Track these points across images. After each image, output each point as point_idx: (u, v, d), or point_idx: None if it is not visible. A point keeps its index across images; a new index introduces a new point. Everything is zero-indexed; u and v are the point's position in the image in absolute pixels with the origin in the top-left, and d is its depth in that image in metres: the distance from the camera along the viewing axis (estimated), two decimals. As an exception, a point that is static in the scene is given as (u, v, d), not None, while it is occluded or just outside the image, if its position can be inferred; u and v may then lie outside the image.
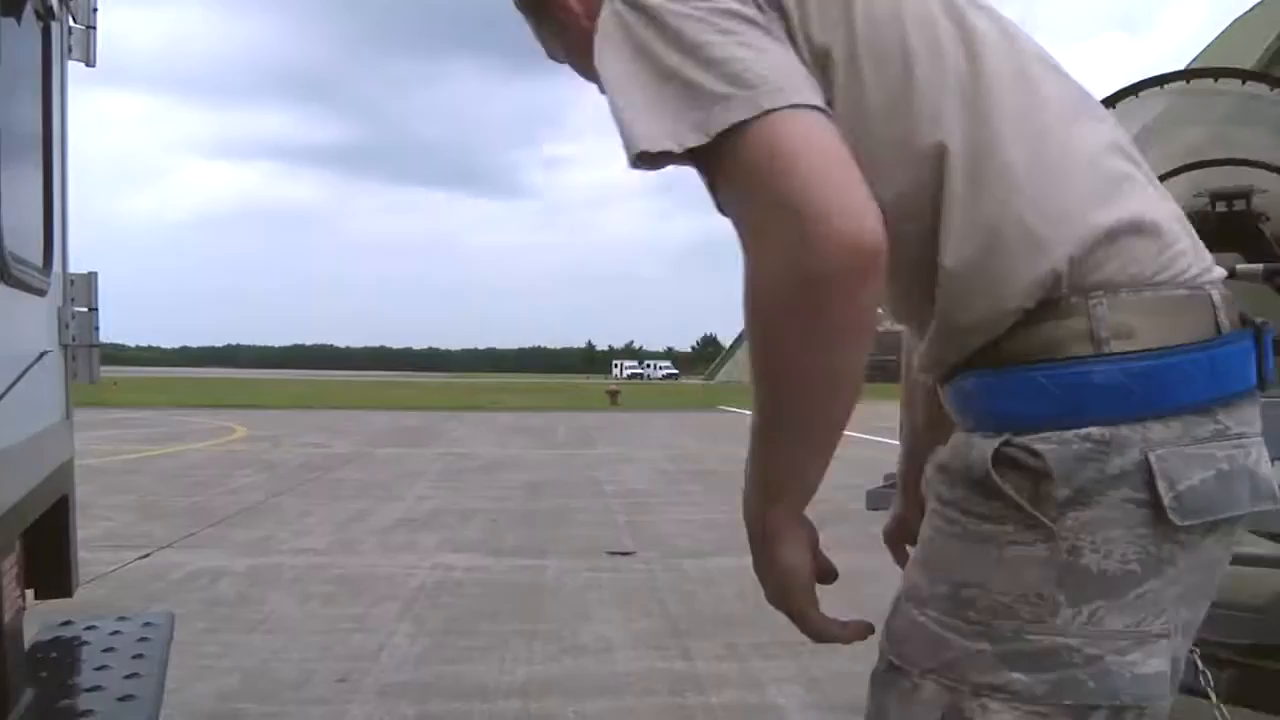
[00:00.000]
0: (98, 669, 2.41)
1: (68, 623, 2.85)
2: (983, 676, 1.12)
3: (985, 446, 1.13)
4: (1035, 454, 1.10)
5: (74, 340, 2.84)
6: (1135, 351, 1.11)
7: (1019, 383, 1.14)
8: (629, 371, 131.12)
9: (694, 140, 1.09)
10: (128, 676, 2.35)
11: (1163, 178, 2.62)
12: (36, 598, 2.63)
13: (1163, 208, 1.20)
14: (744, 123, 1.07)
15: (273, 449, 17.38)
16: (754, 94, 1.08)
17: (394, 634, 5.39)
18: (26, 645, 2.46)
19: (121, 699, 2.19)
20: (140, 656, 2.51)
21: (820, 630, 1.25)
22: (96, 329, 2.97)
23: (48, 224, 2.57)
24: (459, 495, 11.02)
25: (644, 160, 1.12)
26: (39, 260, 2.42)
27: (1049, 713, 1.10)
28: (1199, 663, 2.25)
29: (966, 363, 1.18)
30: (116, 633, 2.71)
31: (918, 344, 1.28)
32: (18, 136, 2.21)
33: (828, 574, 1.28)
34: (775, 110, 1.07)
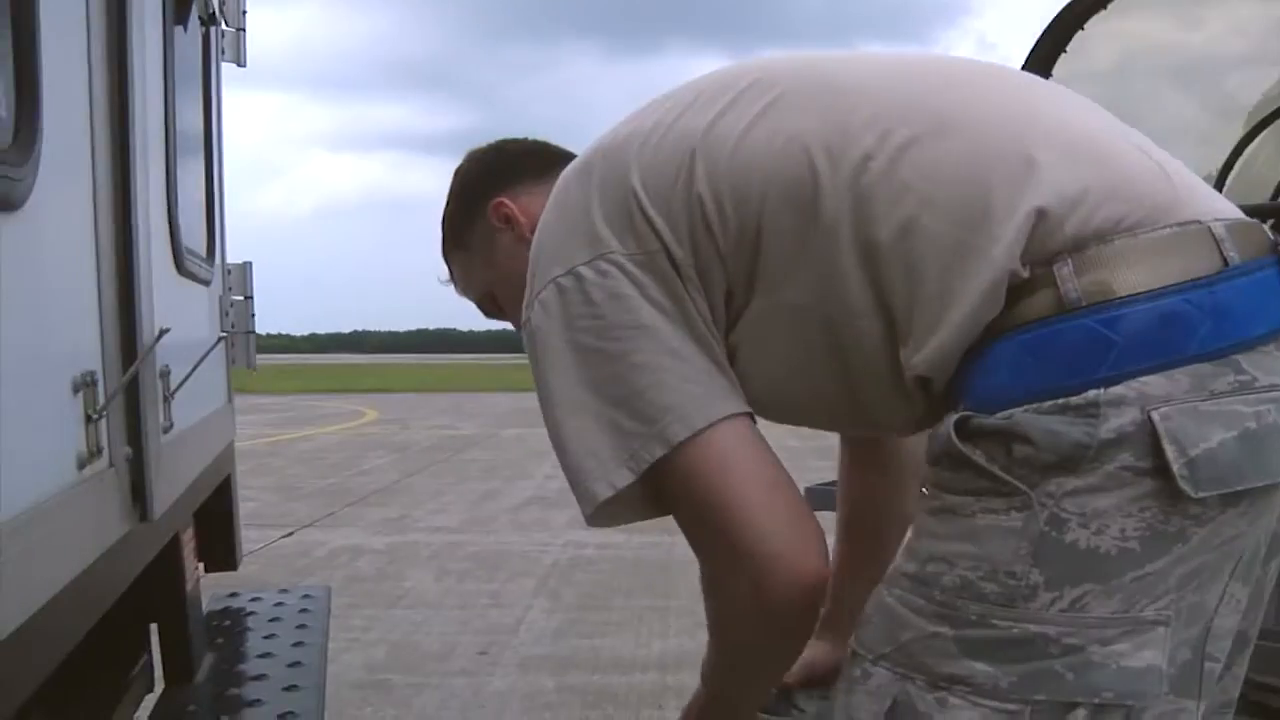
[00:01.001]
0: (266, 637, 2.56)
1: (234, 594, 3.01)
2: (940, 665, 0.99)
3: (950, 418, 1.02)
4: (1007, 418, 0.97)
5: (233, 328, 2.99)
6: (1112, 300, 0.96)
7: (988, 357, 1.01)
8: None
9: (625, 479, 1.11)
10: (294, 644, 2.48)
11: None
12: (205, 571, 2.79)
13: (1128, 160, 1.06)
14: (665, 458, 1.09)
15: (402, 431, 17.78)
16: (662, 428, 1.09)
17: (530, 609, 5.53)
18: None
19: (291, 665, 2.32)
20: (303, 626, 2.65)
21: None
22: (253, 316, 3.12)
23: (210, 217, 2.71)
24: (586, 475, 11.20)
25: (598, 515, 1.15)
26: (204, 252, 2.55)
27: (1017, 710, 0.96)
28: None
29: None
30: (280, 604, 2.86)
31: (893, 429, 1.27)
32: (187, 136, 2.34)
33: None
34: (688, 440, 1.09)
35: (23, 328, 1.14)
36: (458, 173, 1.59)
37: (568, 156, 1.46)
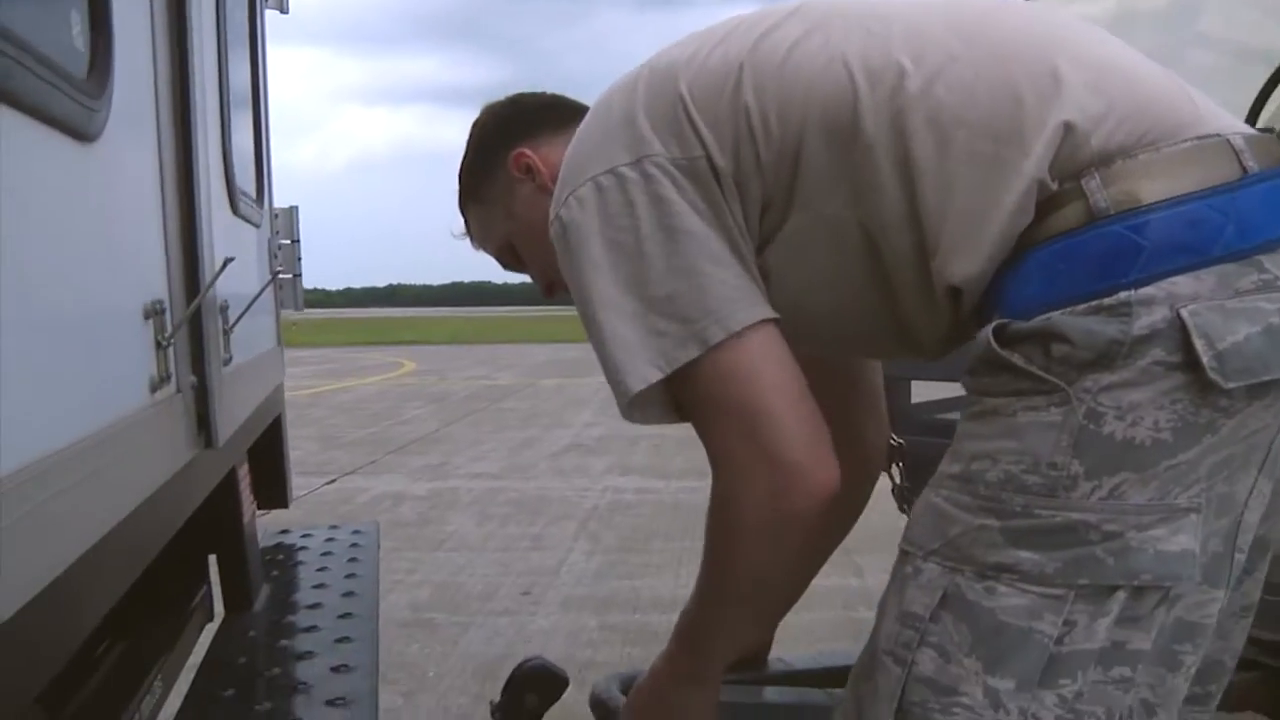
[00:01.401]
0: (319, 569, 2.63)
1: (285, 531, 3.09)
2: (988, 555, 1.04)
3: (988, 326, 1.08)
4: (1045, 320, 1.03)
5: (281, 270, 3.05)
6: (1140, 208, 1.02)
7: (1021, 268, 1.08)
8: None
9: (657, 376, 1.15)
10: (347, 576, 2.56)
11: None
12: (259, 509, 2.87)
13: (1148, 81, 1.13)
14: (697, 359, 1.13)
15: (440, 382, 17.91)
16: (700, 329, 1.13)
17: (571, 551, 5.61)
18: (257, 548, 2.69)
19: (345, 595, 2.39)
20: (355, 559, 2.72)
21: None
22: (299, 260, 3.18)
23: (258, 161, 2.76)
24: (624, 422, 11.24)
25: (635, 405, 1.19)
26: (254, 194, 2.61)
27: (1062, 595, 1.02)
28: None
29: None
30: (331, 539, 2.94)
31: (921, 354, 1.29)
32: (238, 82, 2.39)
33: None
34: (724, 342, 1.13)
35: (99, 253, 1.20)
36: (475, 125, 1.61)
37: (585, 109, 1.47)
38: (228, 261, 1.55)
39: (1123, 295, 1.00)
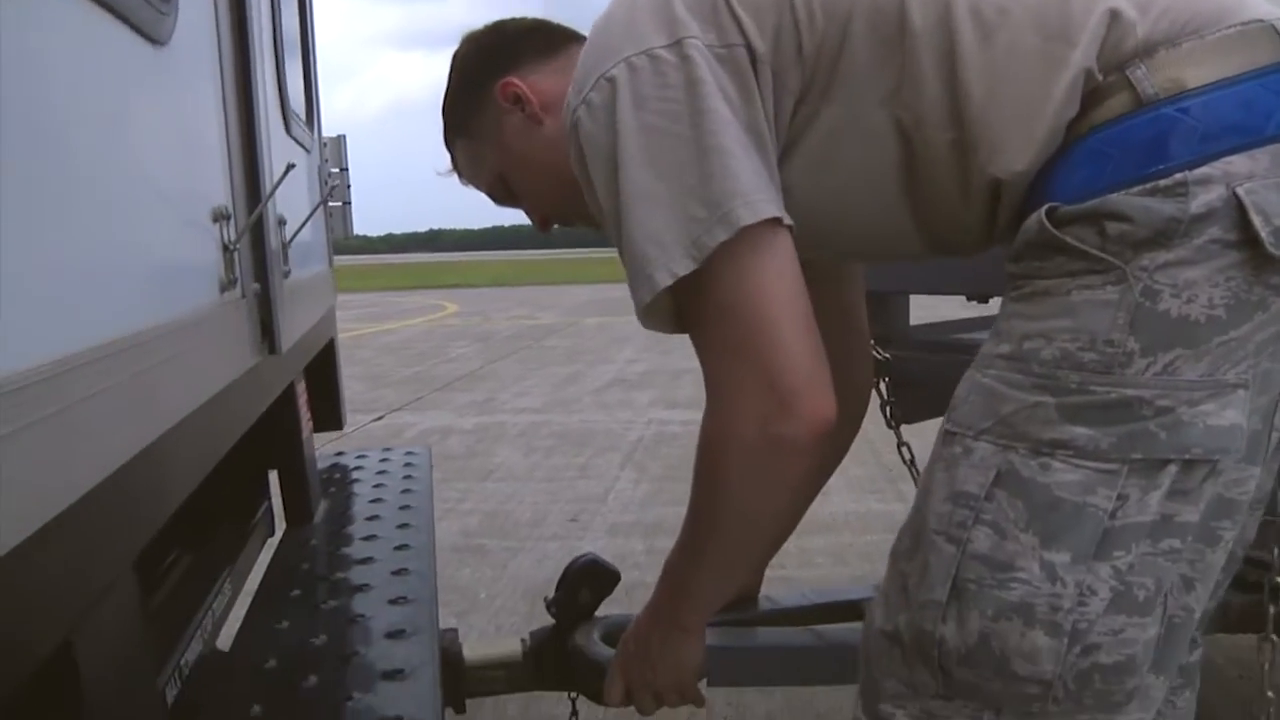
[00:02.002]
0: (375, 486, 2.70)
1: (340, 454, 3.16)
2: (1042, 432, 1.06)
3: (1039, 210, 1.09)
4: (1100, 200, 1.05)
5: (331, 197, 3.10)
6: (1190, 90, 1.04)
7: (1070, 156, 1.09)
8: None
9: (686, 267, 1.12)
10: (403, 492, 2.62)
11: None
12: (314, 430, 2.94)
13: None
14: (723, 250, 1.11)
15: (484, 322, 18.02)
16: (726, 212, 1.11)
17: (618, 480, 5.68)
18: (311, 468, 2.77)
19: (402, 508, 2.46)
20: (409, 477, 2.79)
21: (699, 697, 1.56)
22: (349, 187, 3.23)
23: (307, 87, 2.80)
24: (668, 358, 11.28)
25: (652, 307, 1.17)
26: (304, 118, 2.65)
27: (1116, 470, 1.04)
28: None
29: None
30: (385, 459, 3.01)
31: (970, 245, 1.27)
32: (288, 7, 2.43)
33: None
34: (744, 237, 1.11)
35: (173, 153, 1.25)
36: (457, 56, 1.55)
37: (571, 34, 1.48)
38: (290, 167, 1.59)
39: (1179, 176, 1.01)
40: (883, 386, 2.17)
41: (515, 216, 1.62)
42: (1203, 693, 2.00)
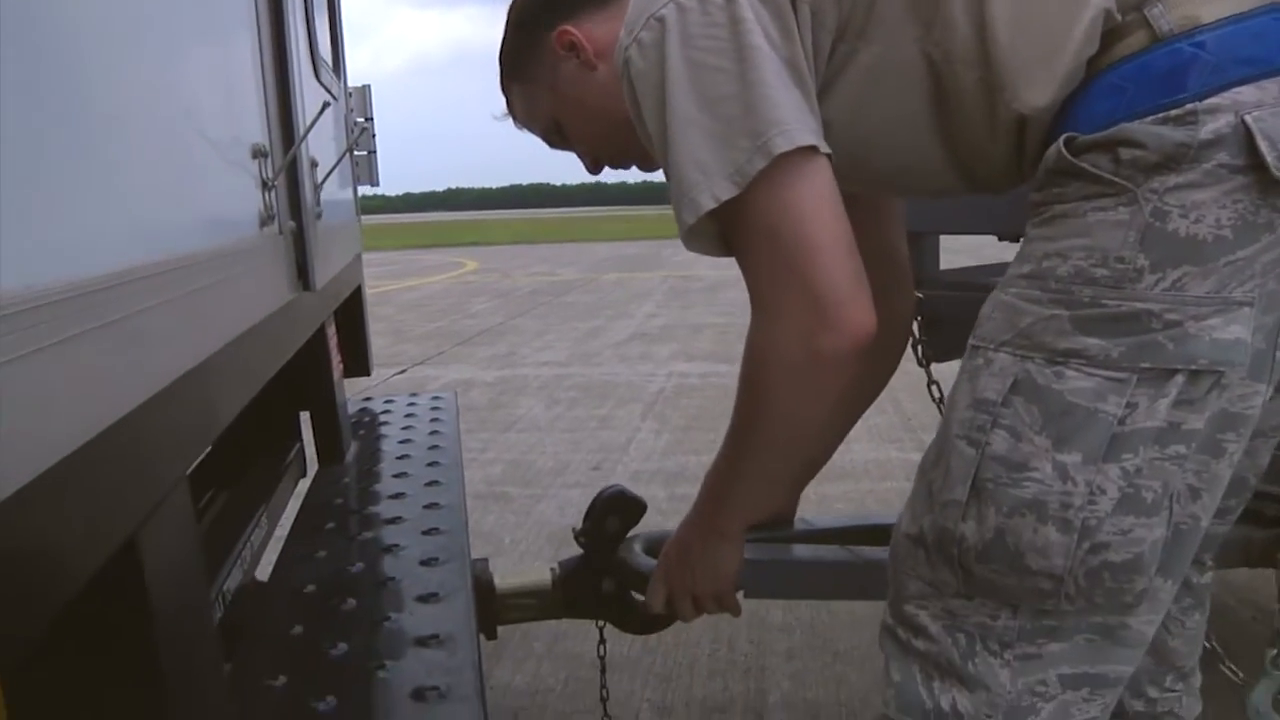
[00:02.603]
0: (404, 428, 2.76)
1: (367, 399, 3.22)
2: (1057, 342, 1.11)
3: (1058, 140, 1.14)
4: (1115, 129, 1.10)
5: (357, 146, 3.14)
6: (1204, 25, 1.09)
7: (1091, 91, 1.15)
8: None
9: (728, 192, 1.18)
10: (431, 433, 2.68)
11: None
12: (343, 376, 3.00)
13: None
14: (759, 180, 1.16)
15: (504, 279, 18.06)
16: (766, 140, 1.16)
17: (639, 430, 5.74)
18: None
19: (431, 448, 2.52)
20: (437, 420, 2.85)
21: (736, 606, 1.61)
22: (374, 136, 3.27)
23: (333, 35, 2.84)
24: (687, 312, 11.32)
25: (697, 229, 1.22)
26: (332, 66, 2.69)
27: (1125, 378, 1.09)
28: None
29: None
30: (412, 403, 3.07)
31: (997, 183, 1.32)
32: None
33: None
34: (785, 161, 1.16)
35: (215, 93, 1.30)
36: (513, 5, 1.59)
37: None
38: (325, 105, 1.63)
39: (1189, 106, 1.06)
40: (915, 326, 2.22)
41: (533, 175, 1.68)
42: (1218, 633, 2.06)
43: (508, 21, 1.60)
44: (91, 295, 0.75)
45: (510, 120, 1.66)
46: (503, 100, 1.65)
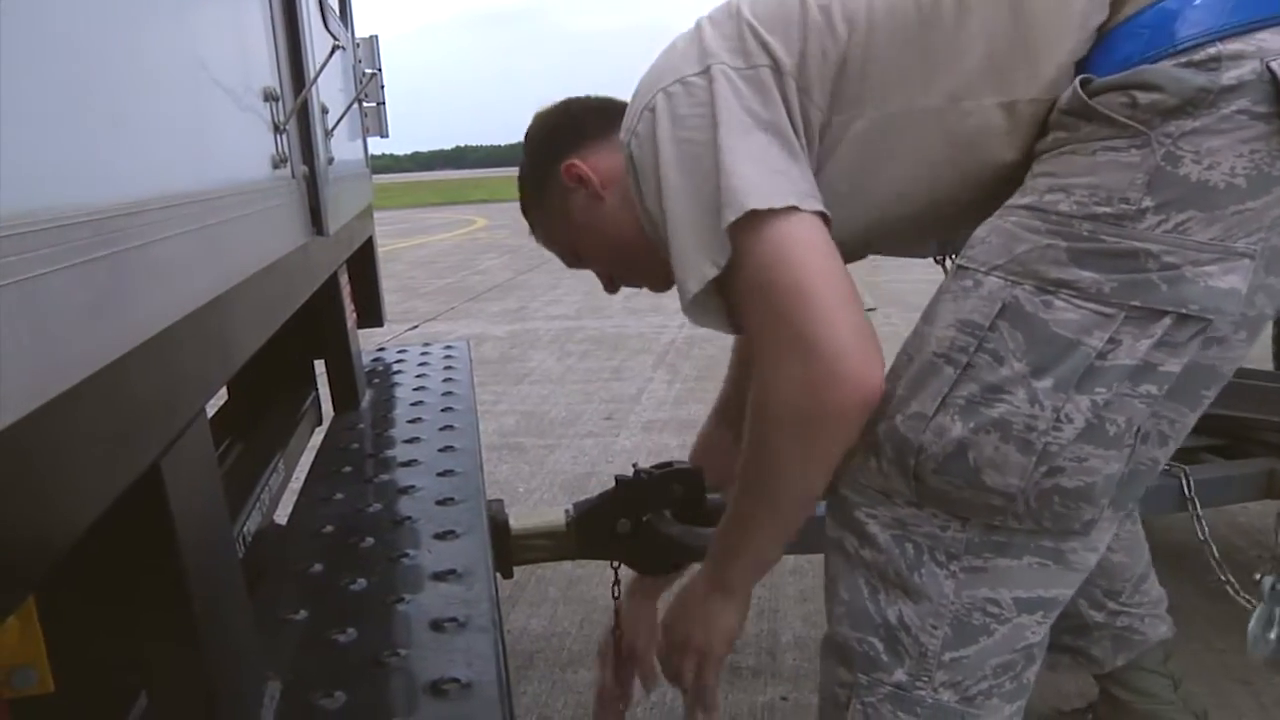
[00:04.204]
0: (418, 376, 2.78)
1: (381, 348, 3.24)
2: (1050, 271, 1.10)
3: (1074, 82, 1.13)
4: (1133, 70, 1.08)
5: (365, 97, 3.14)
6: None
7: (1108, 41, 1.14)
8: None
9: (714, 269, 1.21)
10: (445, 380, 2.71)
11: None
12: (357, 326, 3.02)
13: None
14: (746, 238, 1.19)
15: (513, 235, 18.00)
16: (741, 199, 1.18)
17: (651, 381, 5.77)
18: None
19: (445, 394, 2.54)
20: (450, 368, 2.87)
21: (714, 674, 1.53)
22: (382, 88, 3.27)
23: (340, -16, 2.83)
24: (696, 266, 11.31)
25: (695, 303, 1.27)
26: (339, 13, 2.69)
27: (1113, 314, 1.08)
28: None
29: None
30: (426, 352, 3.09)
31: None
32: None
33: None
34: (768, 219, 1.18)
35: (226, 34, 1.30)
36: (528, 137, 1.69)
37: None
38: (334, 49, 1.64)
39: (1212, 50, 1.04)
40: (949, 264, 2.27)
41: None
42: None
43: (524, 151, 1.69)
44: (112, 220, 0.76)
45: (534, 239, 1.76)
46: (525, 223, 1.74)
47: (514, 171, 1.74)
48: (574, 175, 1.57)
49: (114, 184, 0.81)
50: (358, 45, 3.18)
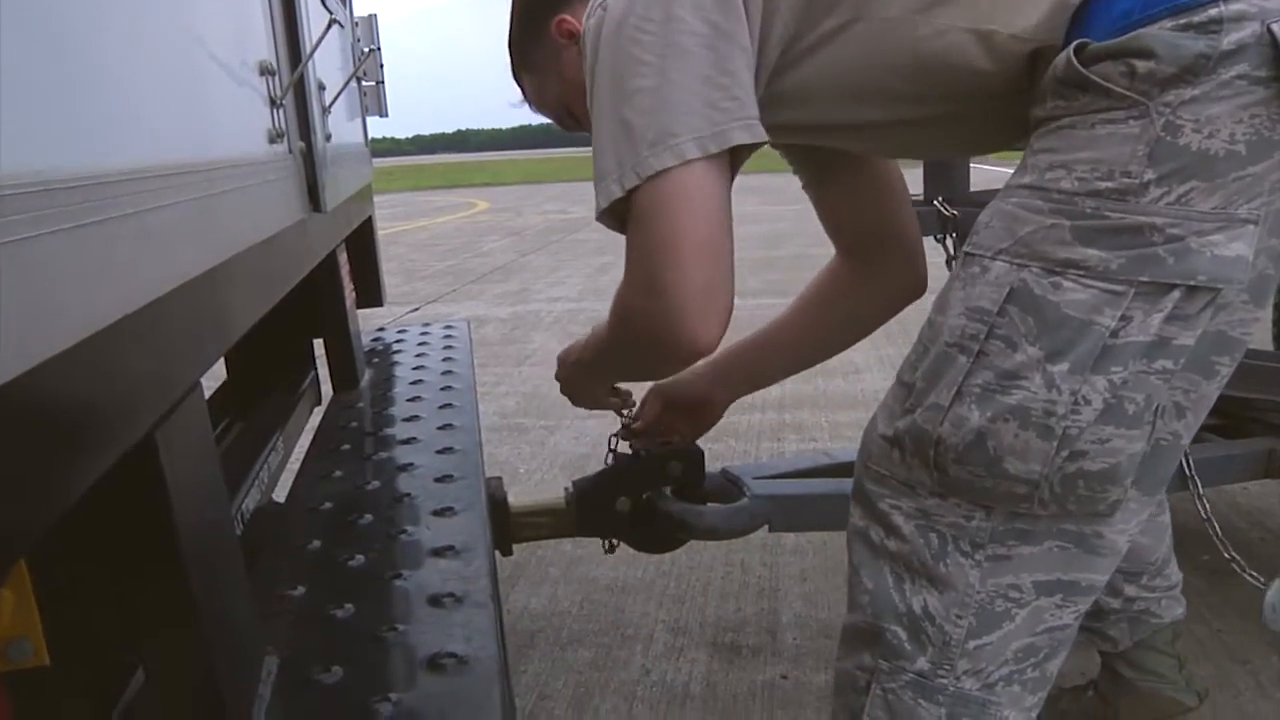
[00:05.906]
0: (418, 355, 2.78)
1: (381, 329, 3.24)
2: (1056, 251, 1.09)
3: (1068, 48, 1.11)
4: (1130, 35, 1.06)
5: (364, 75, 3.13)
6: None
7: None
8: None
9: (618, 193, 1.23)
10: (445, 359, 2.70)
11: None
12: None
13: None
14: (655, 176, 1.19)
15: (516, 218, 18.03)
16: (657, 150, 1.19)
17: (653, 362, 5.72)
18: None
19: (445, 373, 2.54)
20: (450, 348, 2.86)
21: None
22: (381, 66, 3.25)
23: (339, -38, 2.81)
24: (698, 249, 11.29)
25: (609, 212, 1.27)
26: (337, -5, 2.68)
27: (1123, 291, 1.07)
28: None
29: None
30: (425, 332, 3.08)
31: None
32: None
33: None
34: (665, 172, 1.18)
35: (220, 3, 1.29)
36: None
37: None
38: (331, 23, 1.63)
39: (1213, 12, 1.02)
40: (949, 243, 2.28)
41: (542, 116, 1.73)
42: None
43: (511, 13, 1.66)
44: (104, 185, 0.76)
45: (527, 107, 1.74)
46: (516, 90, 1.73)
47: (518, 155, 1.74)
48: (565, 31, 1.56)
49: (106, 151, 0.80)
50: (356, 24, 3.16)
